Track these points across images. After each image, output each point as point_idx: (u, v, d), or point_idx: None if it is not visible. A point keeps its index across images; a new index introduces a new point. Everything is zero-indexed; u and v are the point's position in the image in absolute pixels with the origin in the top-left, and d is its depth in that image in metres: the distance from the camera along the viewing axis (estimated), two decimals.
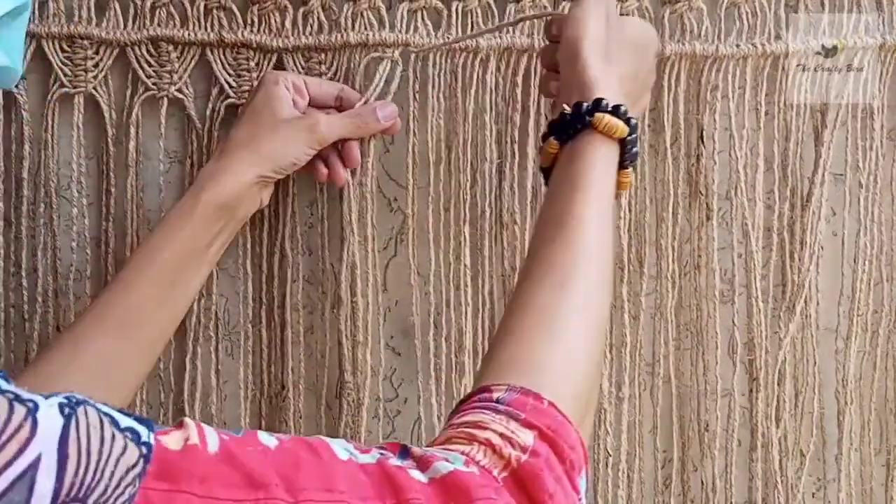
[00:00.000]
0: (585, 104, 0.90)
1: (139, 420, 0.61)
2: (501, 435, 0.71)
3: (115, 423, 0.60)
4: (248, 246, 1.13)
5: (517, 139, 1.12)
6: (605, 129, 0.89)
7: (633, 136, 0.91)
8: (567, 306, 0.81)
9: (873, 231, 1.17)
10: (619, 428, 1.16)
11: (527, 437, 0.71)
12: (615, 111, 0.89)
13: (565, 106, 0.92)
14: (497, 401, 0.73)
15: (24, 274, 1.11)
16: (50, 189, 1.10)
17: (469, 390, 0.78)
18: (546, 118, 1.11)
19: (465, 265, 1.12)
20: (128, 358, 1.00)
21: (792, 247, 1.16)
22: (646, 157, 1.14)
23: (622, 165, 0.91)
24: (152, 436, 0.61)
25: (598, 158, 0.89)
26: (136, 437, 0.60)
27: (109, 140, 1.11)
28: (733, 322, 1.16)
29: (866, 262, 1.17)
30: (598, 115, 0.89)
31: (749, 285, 1.16)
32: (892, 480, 1.20)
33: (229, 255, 1.11)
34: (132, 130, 1.10)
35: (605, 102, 0.90)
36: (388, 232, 1.14)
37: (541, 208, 0.92)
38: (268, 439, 0.67)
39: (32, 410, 0.57)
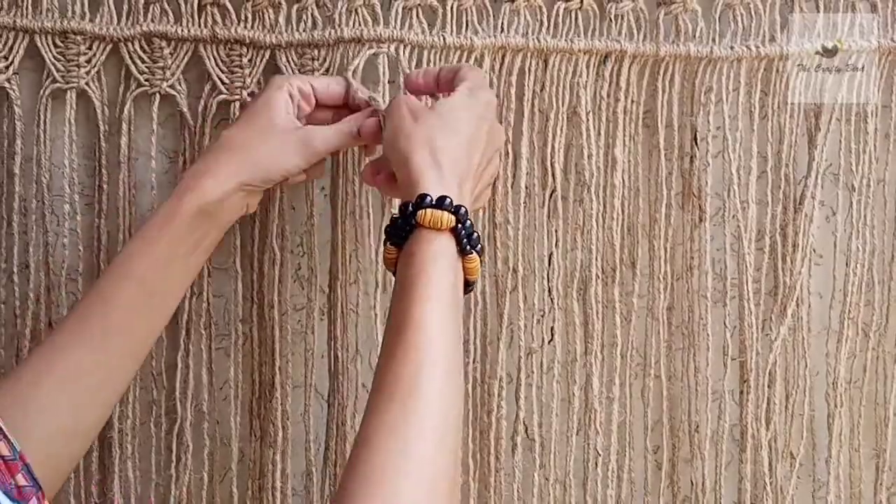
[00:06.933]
0: (410, 204, 0.90)
1: None
2: None
3: None
4: (241, 244, 1.12)
5: (510, 139, 1.11)
6: (431, 224, 0.89)
7: (464, 223, 0.90)
8: (415, 422, 0.81)
9: (865, 234, 1.17)
10: (610, 428, 1.17)
11: None
12: (439, 203, 0.89)
13: (393, 211, 0.92)
14: None
15: (15, 270, 1.10)
16: (42, 185, 1.10)
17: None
18: (546, 118, 1.12)
19: None
20: (106, 369, 0.97)
21: (784, 249, 1.16)
22: (639, 158, 1.14)
23: (464, 252, 0.91)
24: None
25: (432, 254, 0.89)
26: None
27: (102, 136, 1.10)
28: (725, 324, 1.17)
29: (858, 265, 1.17)
30: (420, 212, 0.89)
31: (741, 287, 1.16)
32: (881, 483, 1.21)
33: (222, 252, 1.11)
34: (124, 127, 1.10)
35: (428, 198, 0.90)
36: None
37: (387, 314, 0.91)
38: None
39: None
